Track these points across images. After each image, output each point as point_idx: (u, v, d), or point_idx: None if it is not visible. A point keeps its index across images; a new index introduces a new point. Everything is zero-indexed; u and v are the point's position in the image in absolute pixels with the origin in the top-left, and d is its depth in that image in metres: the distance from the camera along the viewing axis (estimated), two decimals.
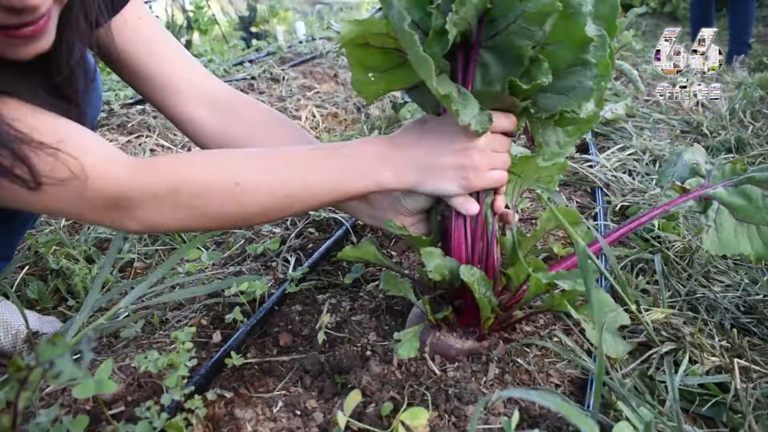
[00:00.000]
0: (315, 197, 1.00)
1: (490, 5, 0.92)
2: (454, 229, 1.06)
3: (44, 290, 1.78)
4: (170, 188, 0.94)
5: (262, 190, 0.97)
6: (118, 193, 0.93)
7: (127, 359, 1.22)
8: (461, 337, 1.11)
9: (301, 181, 0.98)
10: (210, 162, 0.99)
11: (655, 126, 2.53)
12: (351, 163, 1.00)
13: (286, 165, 1.00)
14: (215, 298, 1.41)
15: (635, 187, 1.85)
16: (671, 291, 1.34)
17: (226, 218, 0.99)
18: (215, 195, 0.95)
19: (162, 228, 1.00)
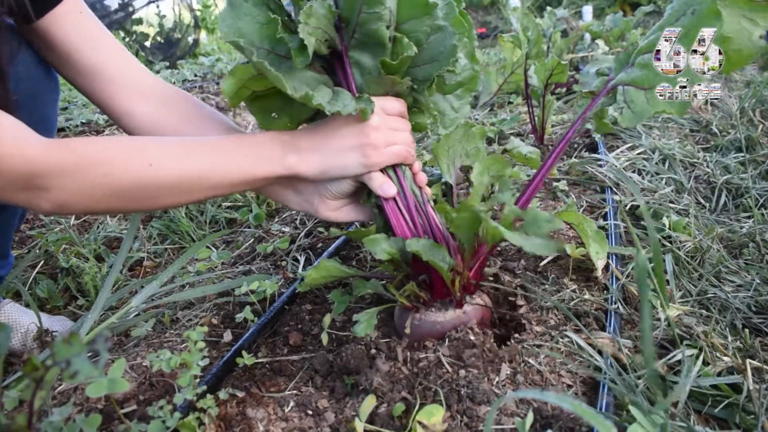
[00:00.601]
0: (225, 180, 1.05)
1: (337, 9, 1.04)
2: (389, 211, 1.11)
3: (54, 289, 1.79)
4: (82, 166, 0.95)
5: (174, 173, 1.01)
6: (29, 171, 0.93)
7: (138, 358, 1.22)
8: (440, 311, 1.12)
9: (211, 164, 1.03)
10: (124, 144, 1.01)
11: (665, 125, 2.52)
12: (258, 149, 1.07)
13: (198, 150, 1.04)
14: (225, 297, 1.41)
15: (645, 186, 1.84)
16: (682, 291, 1.34)
17: (137, 199, 1.01)
18: (127, 175, 0.98)
19: (73, 207, 1.00)
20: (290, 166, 1.07)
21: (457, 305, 1.13)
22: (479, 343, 1.09)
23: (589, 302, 1.24)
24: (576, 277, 1.34)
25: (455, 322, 1.11)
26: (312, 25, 0.98)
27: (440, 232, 1.13)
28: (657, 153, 2.10)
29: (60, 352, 0.65)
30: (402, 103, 1.15)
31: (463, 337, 1.09)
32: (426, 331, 1.11)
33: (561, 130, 2.45)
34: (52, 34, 1.22)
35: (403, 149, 1.12)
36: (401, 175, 1.13)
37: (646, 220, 0.75)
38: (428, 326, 1.11)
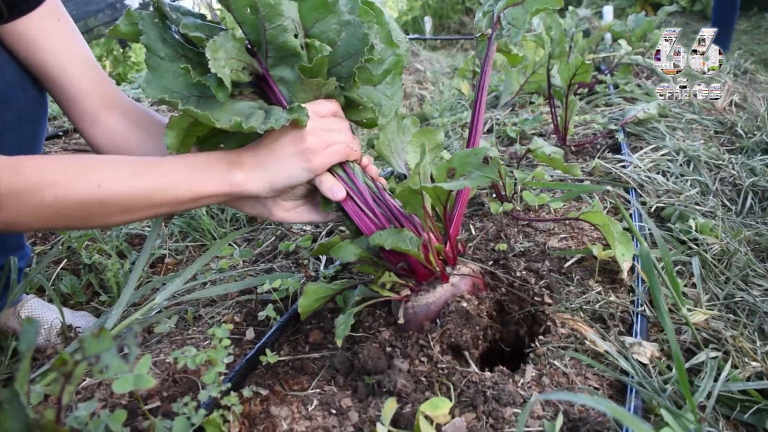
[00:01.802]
0: (173, 198, 1.06)
1: (246, 34, 1.08)
2: (350, 211, 1.14)
3: (77, 285, 1.80)
4: (33, 188, 0.97)
5: (123, 192, 1.02)
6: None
7: (161, 355, 1.22)
8: (429, 291, 1.13)
9: (161, 183, 1.05)
10: (75, 165, 1.02)
11: (689, 126, 2.49)
12: (205, 168, 1.08)
13: (147, 169, 1.06)
14: (248, 295, 1.42)
15: (670, 188, 1.82)
16: (709, 294, 1.32)
17: (85, 217, 1.03)
18: (76, 196, 0.99)
19: (23, 227, 1.02)
20: (236, 184, 1.09)
21: (443, 279, 1.13)
22: (474, 308, 1.10)
23: (614, 304, 1.23)
24: (602, 278, 1.33)
25: (446, 297, 1.12)
26: (222, 58, 1.01)
27: (402, 215, 1.15)
28: (681, 154, 2.07)
29: (90, 347, 0.65)
30: (334, 103, 1.17)
31: (457, 308, 1.10)
32: (423, 316, 1.12)
33: (584, 130, 2.43)
34: (26, 38, 1.24)
35: (343, 147, 1.13)
36: (351, 173, 1.15)
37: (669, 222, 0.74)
38: (422, 310, 1.12)
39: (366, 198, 1.14)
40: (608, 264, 1.36)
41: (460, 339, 1.09)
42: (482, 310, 1.13)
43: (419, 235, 1.09)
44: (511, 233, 1.55)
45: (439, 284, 1.13)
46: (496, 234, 1.55)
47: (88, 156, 1.09)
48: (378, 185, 1.18)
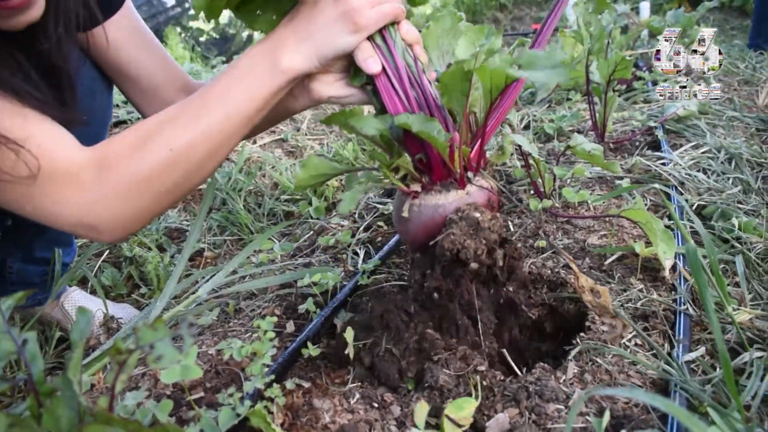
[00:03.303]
0: (243, 118, 1.02)
1: None
2: (380, 87, 1.03)
3: (118, 277, 1.84)
4: (126, 190, 0.98)
5: (197, 140, 1.00)
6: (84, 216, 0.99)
7: (203, 346, 1.24)
8: (441, 193, 1.03)
9: (223, 111, 1.01)
10: (140, 144, 1.00)
11: (729, 123, 2.44)
12: (251, 72, 1.02)
13: (203, 107, 1.01)
14: (287, 288, 1.43)
15: (711, 186, 1.79)
16: (753, 293, 1.30)
17: (183, 181, 1.02)
18: (162, 171, 0.99)
19: (138, 225, 1.03)
20: (287, 69, 1.02)
21: (460, 184, 1.02)
22: (485, 221, 0.99)
23: (656, 302, 1.21)
24: (643, 276, 1.31)
25: (458, 203, 1.01)
26: None
27: (436, 106, 1.04)
28: (723, 152, 2.04)
29: (144, 337, 0.66)
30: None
31: (468, 216, 1.00)
32: (428, 217, 1.02)
33: (622, 127, 2.41)
34: (106, 41, 1.25)
35: (391, 7, 1.02)
36: (391, 44, 1.04)
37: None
38: (429, 210, 1.01)
39: (402, 77, 1.03)
40: (649, 262, 1.35)
41: (463, 249, 0.98)
42: (494, 226, 1.00)
43: (447, 131, 0.98)
44: (549, 230, 1.54)
45: (453, 188, 1.02)
46: (535, 231, 1.54)
47: (140, 126, 1.04)
48: (418, 65, 1.05)
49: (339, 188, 2.31)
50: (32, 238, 1.50)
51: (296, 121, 3.03)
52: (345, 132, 1.07)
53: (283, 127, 2.96)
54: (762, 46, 4.27)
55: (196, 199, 2.33)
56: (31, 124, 0.96)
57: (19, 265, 1.51)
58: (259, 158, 2.56)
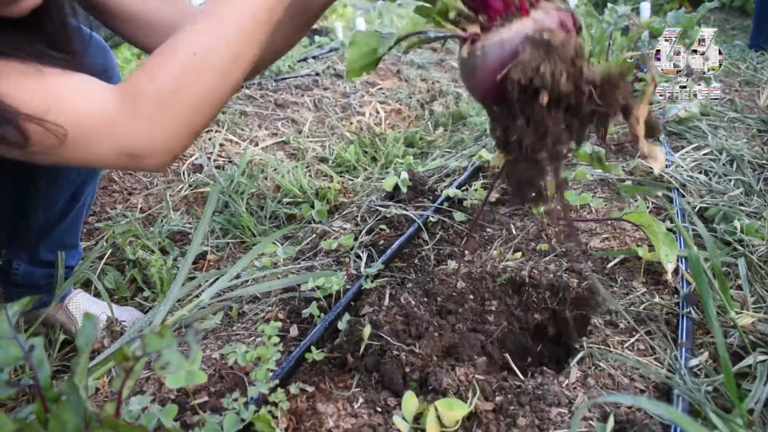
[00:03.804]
0: (268, 16, 0.98)
1: None
2: None
3: (121, 280, 1.84)
4: (156, 104, 0.94)
5: (217, 43, 0.96)
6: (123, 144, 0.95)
7: (207, 350, 1.25)
8: (503, 26, 0.84)
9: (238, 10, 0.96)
10: (164, 56, 0.97)
11: (731, 125, 2.45)
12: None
13: (217, 9, 0.97)
14: (290, 292, 1.43)
15: (713, 188, 1.79)
16: (755, 296, 1.30)
17: (211, 91, 0.98)
18: (186, 77, 0.94)
19: (179, 144, 1.00)
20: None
21: (523, 12, 0.85)
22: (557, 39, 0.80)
23: (659, 306, 1.22)
24: (645, 280, 1.32)
25: (526, 31, 0.82)
26: None
27: None
28: (724, 154, 2.04)
29: (151, 344, 0.67)
30: None
31: (537, 40, 0.80)
32: (494, 57, 0.83)
33: (624, 129, 2.41)
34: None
35: None
36: None
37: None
38: (494, 50, 0.83)
39: None
40: (652, 265, 1.35)
41: (537, 75, 0.80)
42: (569, 44, 0.81)
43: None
44: (552, 233, 1.54)
45: (516, 18, 0.84)
46: (537, 234, 1.55)
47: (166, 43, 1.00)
48: None
49: (341, 191, 2.31)
50: (38, 240, 1.51)
51: (298, 123, 3.04)
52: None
53: (285, 129, 2.96)
54: (763, 46, 4.26)
55: (199, 201, 2.34)
56: (52, 86, 0.95)
57: (26, 267, 1.51)
58: (261, 161, 2.56)
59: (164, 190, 2.33)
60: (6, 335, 0.78)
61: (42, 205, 1.42)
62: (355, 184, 2.45)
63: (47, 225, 1.48)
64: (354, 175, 2.61)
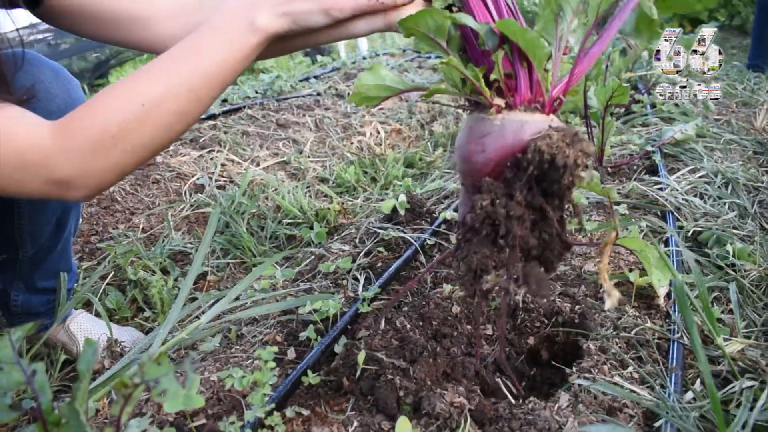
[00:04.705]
0: (218, 73, 1.00)
1: None
2: (473, 4, 0.94)
3: (122, 300, 1.86)
4: (94, 143, 0.95)
5: (165, 96, 0.97)
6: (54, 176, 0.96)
7: (206, 372, 1.26)
8: (526, 112, 0.90)
9: (198, 68, 0.98)
10: (112, 97, 0.98)
11: (727, 147, 2.47)
12: (228, 30, 1.00)
13: (176, 60, 0.99)
14: (289, 315, 1.45)
15: (707, 211, 1.82)
16: (746, 321, 1.32)
17: (151, 141, 0.99)
18: (131, 126, 0.96)
19: (108, 182, 1.00)
20: (264, 29, 0.99)
21: (546, 110, 0.91)
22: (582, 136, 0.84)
23: (651, 331, 1.24)
24: (638, 304, 1.34)
25: (546, 126, 0.87)
26: None
27: None
28: (719, 176, 2.07)
29: (149, 372, 0.69)
30: None
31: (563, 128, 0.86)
32: (512, 131, 0.87)
33: (620, 151, 2.43)
34: (65, 3, 1.19)
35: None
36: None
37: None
38: (514, 125, 0.87)
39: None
40: (645, 289, 1.37)
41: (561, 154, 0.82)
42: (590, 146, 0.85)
43: None
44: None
45: (539, 112, 0.90)
46: None
47: (119, 81, 1.02)
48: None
49: (341, 212, 2.34)
50: (31, 270, 1.52)
51: (299, 143, 3.07)
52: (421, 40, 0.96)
53: (286, 149, 3.00)
54: (761, 66, 4.30)
55: (201, 221, 2.36)
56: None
57: (24, 296, 1.54)
58: (262, 181, 2.59)
59: (166, 210, 2.36)
60: (9, 360, 0.80)
61: (29, 238, 1.44)
62: (354, 205, 2.47)
63: (37, 256, 1.51)
64: (354, 195, 2.63)
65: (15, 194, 1.00)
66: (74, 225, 1.61)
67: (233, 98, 3.56)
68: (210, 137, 2.90)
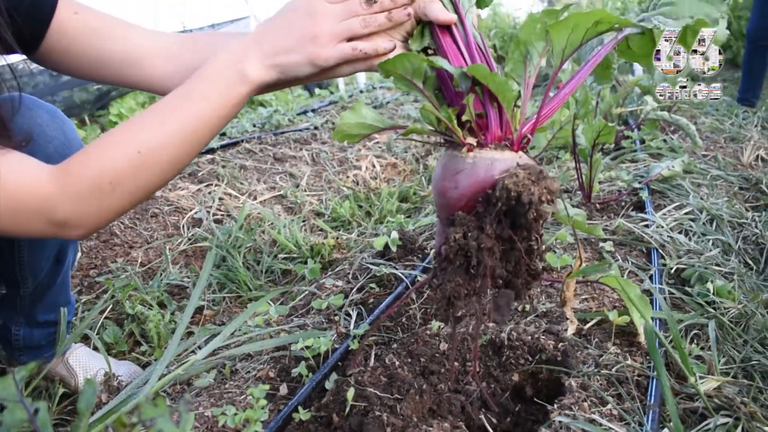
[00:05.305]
0: (211, 120, 1.05)
1: None
2: (446, 46, 1.02)
3: (119, 335, 1.90)
4: (92, 188, 1.00)
5: (160, 145, 1.02)
6: (54, 218, 1.01)
7: (200, 407, 1.30)
8: (496, 150, 0.96)
9: (186, 117, 1.03)
10: (110, 144, 1.03)
11: (713, 183, 2.53)
12: (219, 79, 1.04)
13: (170, 109, 1.04)
14: (282, 351, 1.50)
15: (691, 248, 1.86)
16: (726, 357, 1.36)
17: (146, 185, 1.05)
18: (128, 172, 1.01)
19: (105, 222, 1.06)
20: (254, 80, 1.05)
21: (515, 147, 0.98)
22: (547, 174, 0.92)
23: (631, 368, 1.28)
24: (620, 341, 1.38)
25: (514, 163, 0.94)
26: None
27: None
28: (704, 213, 2.12)
29: (146, 412, 0.73)
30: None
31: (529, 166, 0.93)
32: (483, 169, 0.94)
33: (609, 187, 2.49)
34: (61, 48, 1.23)
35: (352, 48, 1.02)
36: (462, 13, 1.04)
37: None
38: (486, 162, 0.94)
39: (469, 41, 1.03)
40: (627, 326, 1.41)
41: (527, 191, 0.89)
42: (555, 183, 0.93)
43: None
44: (534, 293, 1.61)
45: (508, 150, 0.97)
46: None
47: (117, 127, 1.08)
48: (485, 41, 1.06)
49: (335, 246, 2.38)
50: (31, 304, 1.57)
51: (296, 177, 3.13)
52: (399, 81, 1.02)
53: (283, 183, 3.05)
54: (751, 100, 4.37)
55: (198, 255, 2.41)
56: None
57: (25, 330, 1.58)
58: (259, 215, 2.65)
59: (164, 244, 2.41)
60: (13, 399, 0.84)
61: (30, 274, 1.49)
62: (349, 239, 2.52)
63: (38, 291, 1.55)
64: (348, 230, 2.69)
65: (16, 235, 1.05)
66: (72, 258, 1.65)
67: (231, 132, 3.63)
68: (208, 171, 2.96)
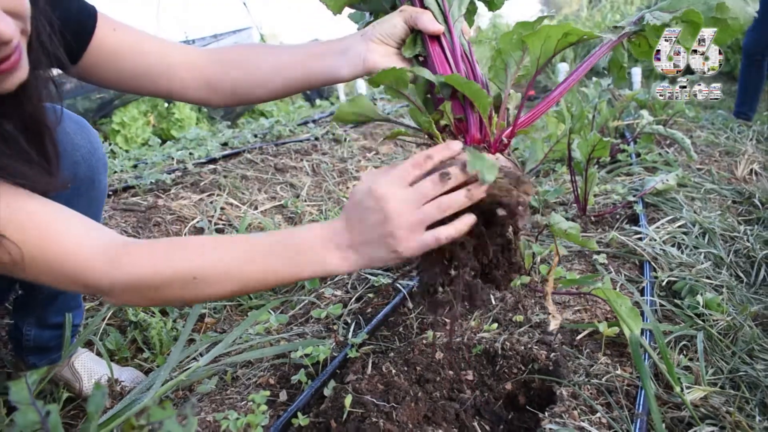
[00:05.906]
0: (266, 284, 1.07)
1: None
2: (434, 54, 1.10)
3: (122, 341, 1.94)
4: (136, 285, 1.04)
5: (218, 283, 1.05)
6: (93, 288, 1.05)
7: (202, 413, 1.34)
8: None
9: (253, 272, 1.05)
10: (172, 257, 1.06)
11: (706, 196, 2.57)
12: (299, 253, 1.04)
13: (240, 256, 1.06)
14: (282, 358, 1.53)
15: (683, 261, 1.91)
16: (714, 368, 1.40)
17: (182, 302, 1.13)
18: (176, 288, 1.05)
19: (134, 306, 1.11)
20: (329, 271, 1.05)
21: (492, 149, 1.05)
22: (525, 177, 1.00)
23: (620, 378, 1.32)
24: (610, 352, 1.42)
25: (499, 162, 1.01)
26: None
27: (482, 83, 1.11)
28: (697, 226, 2.16)
29: (154, 415, 0.77)
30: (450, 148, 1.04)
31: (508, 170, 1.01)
32: None
33: (604, 200, 2.54)
34: (99, 62, 1.27)
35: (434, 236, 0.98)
36: (451, 22, 1.12)
37: None
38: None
39: (455, 50, 1.11)
40: (618, 337, 1.45)
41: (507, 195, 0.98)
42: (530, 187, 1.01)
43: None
44: (528, 304, 1.65)
45: (486, 152, 1.03)
46: (515, 305, 1.66)
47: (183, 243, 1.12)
48: (472, 49, 1.12)
49: None
50: (45, 305, 1.61)
51: (296, 188, 3.17)
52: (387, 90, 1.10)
53: (284, 193, 3.10)
54: (747, 114, 4.42)
55: None
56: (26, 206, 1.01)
57: (36, 331, 1.62)
58: (260, 224, 2.69)
59: None
60: (26, 402, 0.88)
61: None
62: None
63: (51, 295, 1.59)
64: None
65: (47, 284, 1.07)
66: None
67: (233, 142, 3.68)
68: (210, 181, 3.00)
